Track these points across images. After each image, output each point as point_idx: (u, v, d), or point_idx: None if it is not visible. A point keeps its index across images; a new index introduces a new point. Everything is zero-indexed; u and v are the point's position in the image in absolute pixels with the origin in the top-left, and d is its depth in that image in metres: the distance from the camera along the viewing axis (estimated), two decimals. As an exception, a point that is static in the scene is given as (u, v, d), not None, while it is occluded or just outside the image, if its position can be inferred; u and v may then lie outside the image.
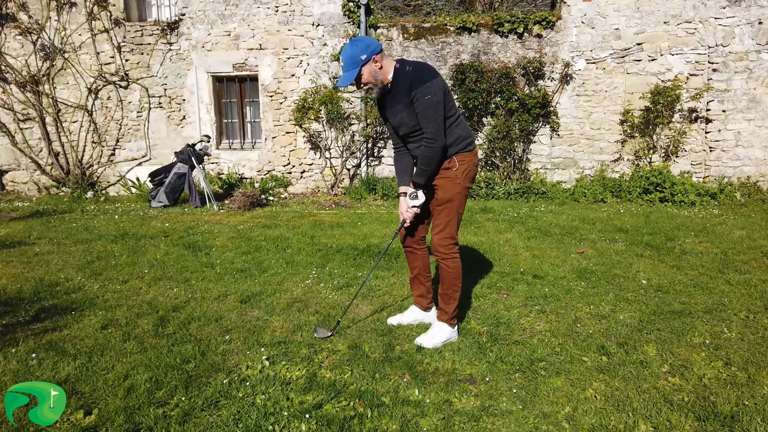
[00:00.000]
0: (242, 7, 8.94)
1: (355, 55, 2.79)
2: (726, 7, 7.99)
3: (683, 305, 3.59)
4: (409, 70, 2.84)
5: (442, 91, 2.81)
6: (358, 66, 2.80)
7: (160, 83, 9.30)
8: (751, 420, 2.23)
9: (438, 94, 2.78)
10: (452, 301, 3.03)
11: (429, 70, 2.84)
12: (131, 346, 2.96)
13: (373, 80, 2.86)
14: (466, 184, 2.99)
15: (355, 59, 2.80)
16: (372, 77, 2.85)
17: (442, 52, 8.74)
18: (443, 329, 3.03)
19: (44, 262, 4.72)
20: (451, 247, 2.98)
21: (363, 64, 2.81)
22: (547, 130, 8.70)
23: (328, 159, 9.19)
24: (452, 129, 2.91)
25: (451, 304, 3.03)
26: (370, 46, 2.82)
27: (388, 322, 3.30)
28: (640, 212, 7.06)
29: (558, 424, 2.26)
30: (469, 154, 2.97)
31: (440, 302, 3.09)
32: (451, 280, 3.00)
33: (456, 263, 3.00)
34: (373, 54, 2.81)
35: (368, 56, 2.80)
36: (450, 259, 2.98)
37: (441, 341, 2.98)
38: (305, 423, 2.23)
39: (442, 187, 2.97)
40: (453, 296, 3.02)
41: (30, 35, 9.06)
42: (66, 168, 9.49)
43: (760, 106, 8.09)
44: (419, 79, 2.79)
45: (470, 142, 2.99)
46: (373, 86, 2.89)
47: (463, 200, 3.00)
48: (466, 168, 2.96)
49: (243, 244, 5.37)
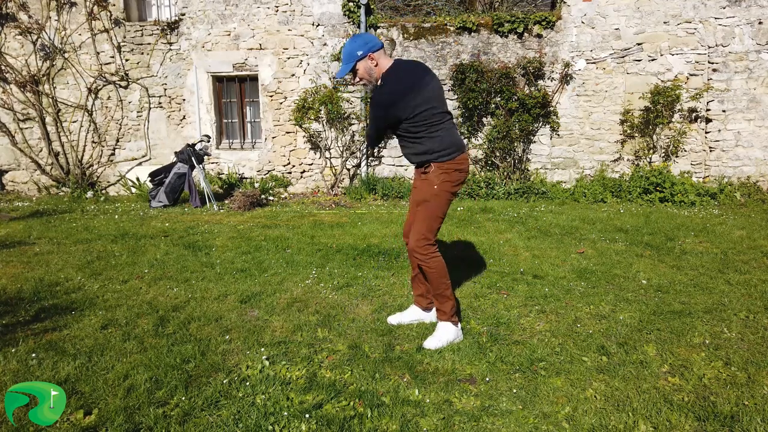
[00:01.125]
0: (242, 7, 8.94)
1: (353, 51, 2.94)
2: (726, 7, 7.99)
3: (683, 305, 3.59)
4: (383, 82, 2.95)
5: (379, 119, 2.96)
6: (354, 61, 2.95)
7: (160, 83, 9.29)
8: (751, 420, 2.23)
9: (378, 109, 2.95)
10: (446, 300, 3.04)
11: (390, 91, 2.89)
12: (131, 346, 2.96)
13: (367, 76, 2.99)
14: (446, 188, 2.97)
15: (353, 54, 2.94)
16: (366, 73, 2.99)
17: (442, 52, 8.74)
18: (447, 329, 3.04)
19: (44, 262, 4.72)
20: (427, 248, 2.99)
21: (359, 60, 2.95)
22: (547, 130, 8.69)
23: (328, 159, 9.19)
24: (423, 140, 2.93)
25: (446, 303, 3.04)
26: (368, 43, 2.95)
27: (388, 321, 3.31)
28: (640, 212, 7.06)
29: (558, 424, 2.26)
30: (447, 163, 2.96)
31: (435, 303, 3.11)
32: (438, 280, 3.01)
33: (437, 263, 3.00)
34: (370, 51, 2.94)
35: (365, 53, 2.93)
36: (430, 259, 2.99)
37: (447, 341, 3.00)
38: (305, 423, 2.23)
39: (419, 188, 3.09)
40: (444, 294, 3.03)
41: (30, 35, 9.06)
42: (66, 168, 9.49)
43: (760, 106, 8.09)
44: (381, 85, 2.95)
45: (447, 153, 2.94)
46: (367, 82, 3.03)
47: (440, 204, 2.99)
48: (443, 174, 2.96)
49: (243, 244, 5.37)
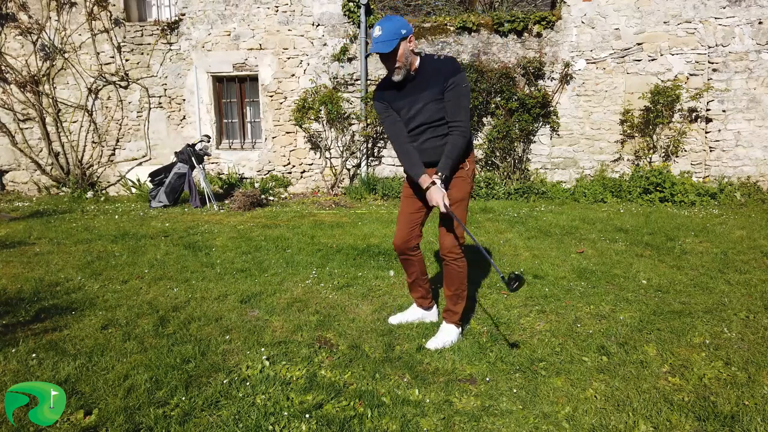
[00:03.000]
0: (242, 7, 8.94)
1: (397, 28, 2.67)
2: (726, 7, 7.99)
3: (683, 305, 3.59)
4: (441, 59, 2.81)
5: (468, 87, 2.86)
6: (398, 39, 2.67)
7: (160, 83, 9.29)
8: (751, 420, 2.23)
9: (469, 86, 2.83)
10: (461, 301, 3.04)
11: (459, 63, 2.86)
12: (131, 346, 2.96)
13: (404, 60, 2.74)
14: (473, 184, 3.05)
15: (396, 32, 2.66)
16: (404, 57, 2.73)
17: (442, 52, 8.74)
18: (452, 331, 3.03)
19: (44, 262, 4.72)
20: (460, 247, 2.99)
21: (403, 38, 2.69)
22: (547, 130, 8.69)
23: (328, 159, 9.19)
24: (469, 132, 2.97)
25: (460, 304, 3.04)
26: (408, 25, 2.73)
27: (390, 322, 3.30)
28: (640, 212, 7.06)
29: (558, 424, 2.26)
30: (472, 155, 3.04)
31: (449, 303, 3.06)
32: (461, 280, 3.01)
33: (464, 263, 3.01)
34: (410, 33, 2.73)
35: (408, 32, 2.70)
36: (460, 259, 2.99)
37: (449, 343, 2.99)
38: (305, 423, 2.23)
39: (456, 186, 2.94)
40: (462, 296, 3.03)
41: (30, 35, 9.06)
42: (66, 168, 9.49)
43: (760, 106, 8.09)
44: (456, 68, 2.77)
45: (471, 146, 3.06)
46: (401, 67, 2.75)
47: (468, 201, 3.05)
48: (472, 168, 3.01)
49: (243, 244, 5.37)
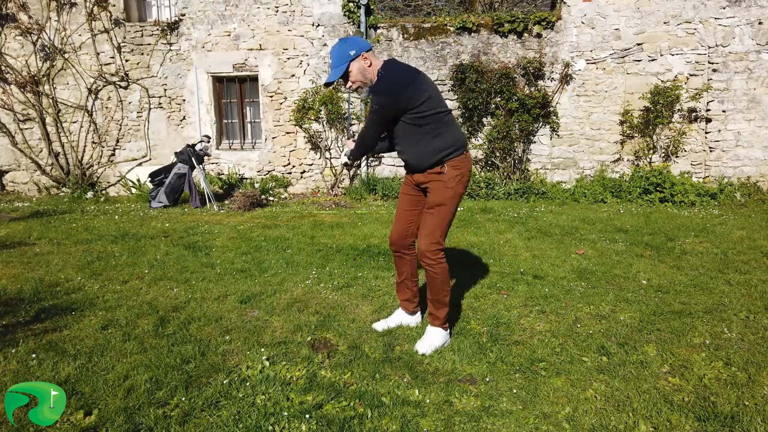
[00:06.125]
0: (242, 7, 8.94)
1: (345, 51, 2.76)
2: (726, 7, 7.99)
3: (683, 305, 3.59)
4: (381, 74, 2.82)
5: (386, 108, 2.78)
6: (346, 61, 2.77)
7: (160, 83, 9.30)
8: (751, 420, 2.23)
9: (380, 112, 2.79)
10: (443, 306, 2.98)
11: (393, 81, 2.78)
12: (131, 347, 2.96)
13: (362, 78, 2.81)
14: (459, 189, 2.90)
15: (344, 54, 2.76)
16: (361, 74, 2.80)
17: (442, 52, 8.74)
18: (438, 334, 3.00)
19: (44, 263, 4.72)
20: (437, 253, 2.90)
21: (352, 60, 2.77)
22: (547, 130, 8.69)
23: (328, 159, 9.19)
24: (431, 141, 2.84)
25: (442, 309, 2.99)
26: (358, 43, 2.79)
27: (374, 328, 3.23)
28: (640, 212, 7.06)
29: (558, 424, 2.26)
30: (461, 159, 2.90)
31: (431, 308, 3.03)
32: (440, 286, 2.95)
33: (443, 268, 2.93)
34: (362, 51, 2.77)
35: (357, 52, 2.76)
36: (438, 265, 2.91)
37: (438, 345, 2.97)
38: (305, 423, 2.23)
39: (434, 190, 2.90)
40: (443, 301, 2.98)
41: (30, 35, 9.06)
42: (66, 168, 9.49)
43: (760, 107, 8.09)
44: (377, 85, 2.81)
45: (457, 148, 2.89)
46: (362, 85, 2.84)
47: (454, 207, 2.93)
48: (460, 173, 2.89)
49: (243, 245, 5.37)
